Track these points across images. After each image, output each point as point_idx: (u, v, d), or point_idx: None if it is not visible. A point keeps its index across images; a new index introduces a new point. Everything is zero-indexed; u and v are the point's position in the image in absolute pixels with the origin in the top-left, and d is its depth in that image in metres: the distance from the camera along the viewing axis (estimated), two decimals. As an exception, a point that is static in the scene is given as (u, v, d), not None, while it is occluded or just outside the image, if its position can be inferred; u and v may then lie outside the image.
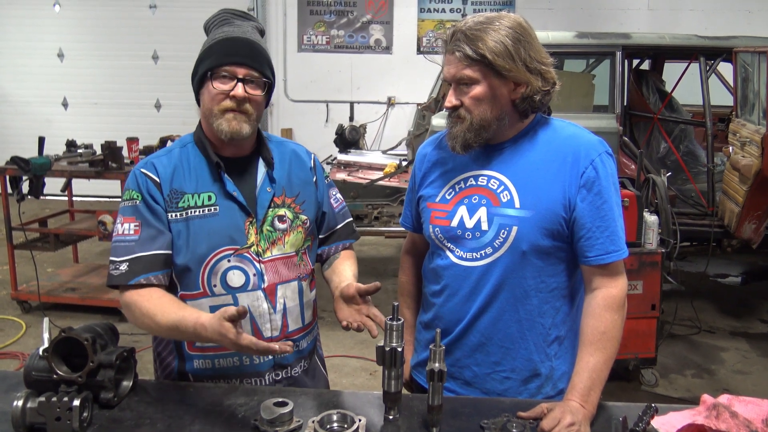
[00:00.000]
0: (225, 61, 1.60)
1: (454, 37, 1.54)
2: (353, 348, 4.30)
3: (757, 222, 4.37)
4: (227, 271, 1.64)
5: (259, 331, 1.66)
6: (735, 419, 1.41)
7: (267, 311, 1.67)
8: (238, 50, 1.61)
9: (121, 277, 1.59)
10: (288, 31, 8.38)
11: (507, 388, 1.66)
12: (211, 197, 1.65)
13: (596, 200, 1.56)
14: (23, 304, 4.84)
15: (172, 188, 1.65)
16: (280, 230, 1.69)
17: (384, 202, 5.26)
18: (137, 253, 1.60)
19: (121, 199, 1.68)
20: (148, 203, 1.63)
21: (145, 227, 1.62)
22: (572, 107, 4.88)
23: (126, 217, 1.63)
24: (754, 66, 4.45)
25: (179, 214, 1.64)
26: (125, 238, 1.62)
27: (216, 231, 1.63)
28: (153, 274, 1.60)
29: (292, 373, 1.75)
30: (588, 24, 7.68)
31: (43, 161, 4.17)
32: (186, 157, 1.69)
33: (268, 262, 1.67)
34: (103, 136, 4.86)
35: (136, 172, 1.67)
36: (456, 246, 1.64)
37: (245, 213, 1.66)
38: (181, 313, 1.52)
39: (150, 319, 1.56)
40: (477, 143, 1.59)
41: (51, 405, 1.40)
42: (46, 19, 8.45)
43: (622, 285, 1.58)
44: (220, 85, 1.60)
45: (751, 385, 3.92)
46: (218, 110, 1.62)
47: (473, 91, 1.54)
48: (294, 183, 1.76)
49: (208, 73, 1.61)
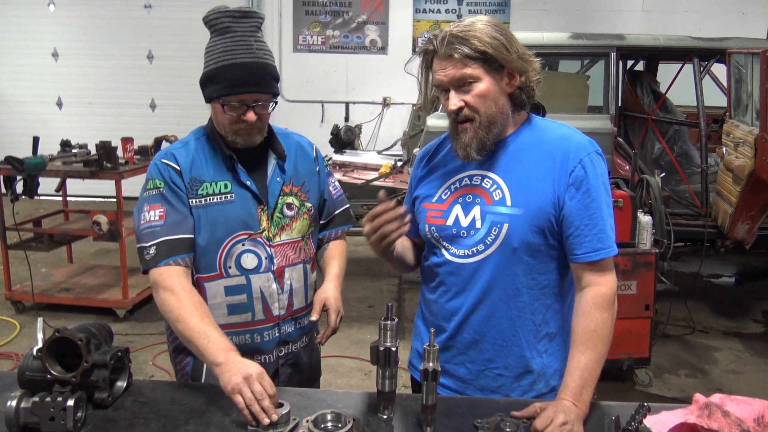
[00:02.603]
0: (235, 91, 1.67)
1: (446, 41, 1.54)
2: (348, 348, 4.31)
3: (750, 222, 4.39)
4: (242, 254, 1.76)
5: (269, 309, 1.80)
6: (727, 418, 1.41)
7: (276, 291, 1.79)
8: (247, 79, 1.67)
9: (152, 260, 1.68)
10: (283, 32, 8.38)
11: (500, 385, 1.68)
12: (227, 185, 1.76)
13: (584, 198, 1.58)
14: (17, 305, 4.83)
15: (191, 177, 1.74)
16: (288, 217, 1.82)
17: (379, 202, 5.26)
18: (164, 237, 1.69)
19: (144, 189, 1.76)
20: (173, 189, 1.72)
21: (170, 212, 1.71)
22: (567, 108, 4.90)
23: (151, 205, 1.72)
24: (747, 67, 4.48)
25: (199, 201, 1.74)
26: (152, 224, 1.70)
27: (233, 217, 1.74)
28: (180, 257, 1.69)
29: (293, 348, 1.88)
30: (583, 25, 7.69)
31: (38, 161, 4.16)
32: (202, 149, 1.79)
33: (278, 246, 1.80)
34: (98, 136, 4.85)
35: (157, 162, 1.76)
36: (451, 244, 1.66)
37: (257, 201, 1.78)
38: (214, 330, 1.59)
39: (183, 313, 1.61)
40: (490, 141, 1.61)
41: (45, 405, 1.40)
42: (41, 18, 8.42)
43: (611, 283, 1.60)
44: (232, 111, 1.70)
45: (744, 384, 3.94)
46: (231, 129, 1.73)
47: (477, 89, 1.56)
48: (300, 173, 1.87)
49: (218, 97, 1.69)
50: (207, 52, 1.72)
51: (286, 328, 1.84)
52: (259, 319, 1.79)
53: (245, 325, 1.79)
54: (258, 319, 1.79)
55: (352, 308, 4.99)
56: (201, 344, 1.57)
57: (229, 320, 1.77)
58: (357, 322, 4.76)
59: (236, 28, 1.69)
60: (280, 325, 1.82)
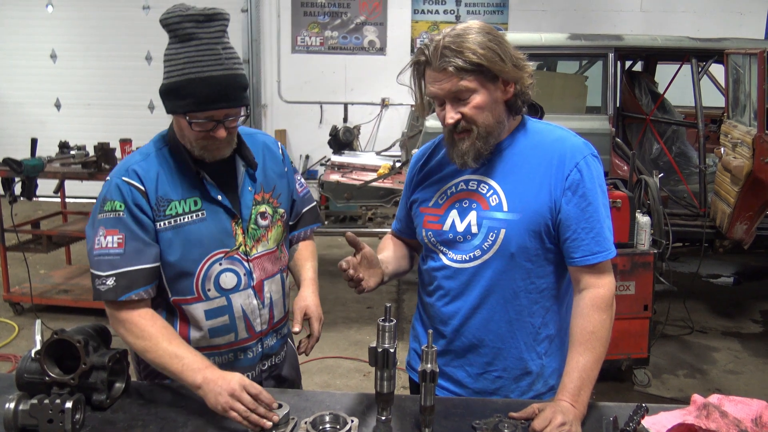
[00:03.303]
0: (203, 107, 1.52)
1: (438, 53, 1.51)
2: (347, 349, 4.30)
3: (748, 223, 4.39)
4: (220, 274, 1.66)
5: (252, 326, 1.72)
6: (725, 419, 1.42)
7: (257, 307, 1.72)
8: (216, 95, 1.51)
9: (109, 293, 1.57)
10: (282, 32, 8.37)
11: (499, 387, 1.69)
12: (197, 202, 1.63)
13: (581, 202, 1.58)
14: (16, 306, 4.82)
15: (158, 196, 1.60)
16: (263, 227, 1.73)
17: (378, 203, 5.27)
18: (123, 268, 1.57)
19: (100, 209, 1.60)
20: (134, 214, 1.58)
21: (130, 240, 1.57)
22: (565, 108, 4.91)
23: (108, 230, 1.57)
24: (745, 68, 4.48)
25: (168, 222, 1.61)
26: (108, 251, 1.57)
27: (207, 235, 1.63)
28: (143, 289, 1.59)
29: (276, 360, 1.83)
30: (581, 26, 7.71)
31: (36, 163, 4.16)
32: (165, 161, 1.64)
33: (255, 260, 1.71)
34: (96, 138, 4.86)
35: (117, 181, 1.60)
36: (448, 249, 1.67)
37: (230, 215, 1.67)
38: (185, 350, 1.55)
39: (149, 342, 1.56)
40: (487, 151, 1.60)
41: (43, 407, 1.40)
42: (39, 20, 8.41)
43: (609, 285, 1.60)
44: (199, 128, 1.55)
45: (743, 384, 3.94)
46: (198, 144, 1.59)
47: (474, 101, 1.55)
48: (270, 177, 1.77)
49: (184, 113, 1.54)
50: (168, 59, 1.55)
51: (268, 342, 1.79)
52: (243, 338, 1.72)
53: (228, 346, 1.71)
54: (241, 338, 1.72)
55: (351, 309, 4.99)
56: (176, 369, 1.52)
57: (212, 342, 1.69)
58: (356, 323, 4.76)
59: (201, 35, 1.52)
60: (263, 340, 1.77)
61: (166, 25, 1.55)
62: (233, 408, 1.43)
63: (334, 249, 6.51)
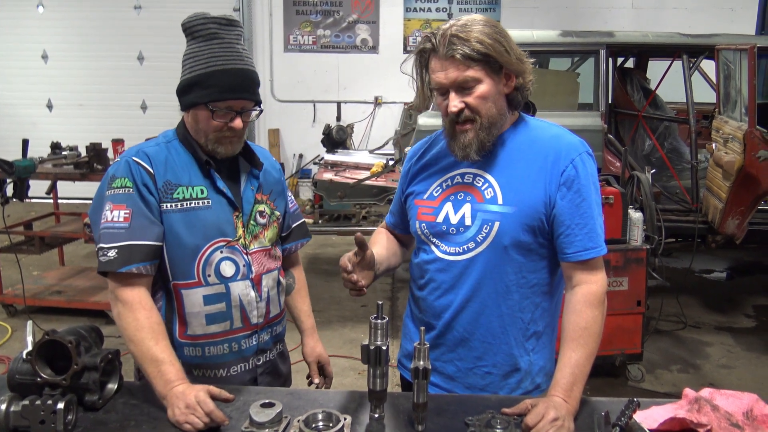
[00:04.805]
0: (226, 96, 1.64)
1: (446, 41, 1.53)
2: (341, 347, 4.31)
3: (740, 218, 4.41)
4: (220, 262, 1.72)
5: (248, 317, 1.77)
6: (716, 412, 1.42)
7: (254, 299, 1.77)
8: (238, 86, 1.65)
9: (110, 263, 1.60)
10: (274, 31, 8.36)
11: (488, 383, 1.69)
12: (204, 191, 1.71)
13: (575, 198, 1.59)
14: (8, 308, 4.81)
15: (166, 179, 1.68)
16: (261, 225, 1.81)
17: (371, 201, 5.27)
18: (127, 241, 1.61)
19: (108, 186, 1.67)
20: (142, 193, 1.65)
21: (136, 216, 1.63)
22: (557, 105, 4.91)
23: (116, 204, 1.64)
24: (736, 63, 4.50)
25: (175, 205, 1.67)
26: (114, 225, 1.62)
27: (211, 222, 1.70)
28: (143, 264, 1.62)
29: (270, 356, 1.88)
30: (573, 22, 7.72)
31: (28, 164, 4.13)
32: (175, 152, 1.73)
33: (254, 254, 1.78)
34: (89, 138, 4.83)
35: (129, 160, 1.68)
36: (441, 241, 1.67)
37: (233, 207, 1.74)
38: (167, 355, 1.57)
39: (138, 334, 1.59)
40: (490, 143, 1.61)
41: (35, 408, 1.40)
42: (30, 20, 8.38)
43: (601, 281, 1.61)
44: (220, 118, 1.66)
45: (736, 379, 3.96)
46: (214, 136, 1.69)
47: (479, 91, 1.56)
48: (269, 181, 1.87)
49: (206, 103, 1.65)
50: (190, 57, 1.67)
51: (263, 337, 1.82)
52: (237, 327, 1.75)
53: (224, 335, 1.74)
54: (236, 327, 1.75)
55: (345, 307, 4.99)
56: (151, 372, 1.56)
57: (208, 330, 1.72)
58: (350, 321, 4.76)
59: (223, 35, 1.66)
60: (259, 334, 1.81)
61: (189, 27, 1.67)
62: (187, 421, 1.45)
63: (328, 248, 6.51)
